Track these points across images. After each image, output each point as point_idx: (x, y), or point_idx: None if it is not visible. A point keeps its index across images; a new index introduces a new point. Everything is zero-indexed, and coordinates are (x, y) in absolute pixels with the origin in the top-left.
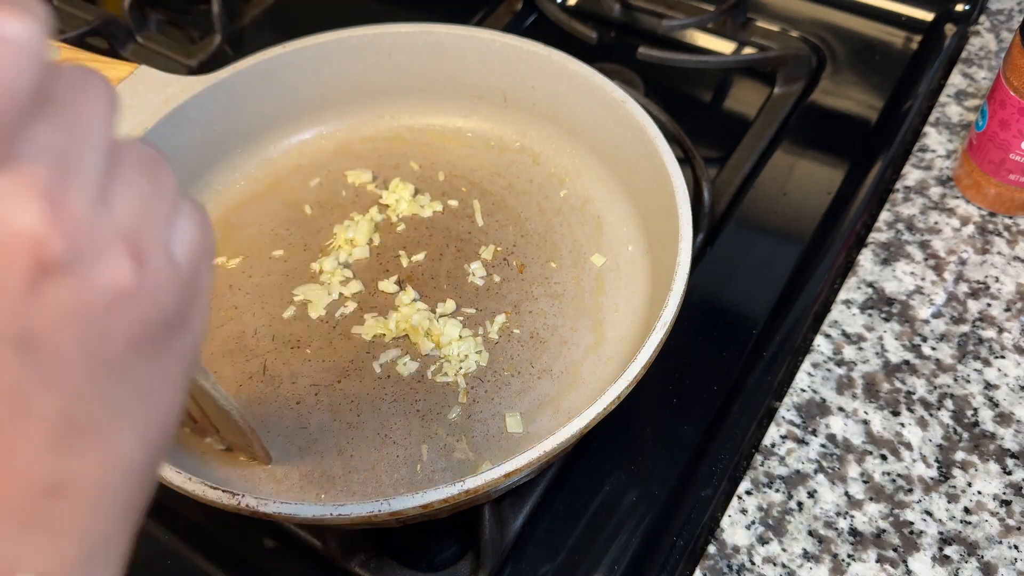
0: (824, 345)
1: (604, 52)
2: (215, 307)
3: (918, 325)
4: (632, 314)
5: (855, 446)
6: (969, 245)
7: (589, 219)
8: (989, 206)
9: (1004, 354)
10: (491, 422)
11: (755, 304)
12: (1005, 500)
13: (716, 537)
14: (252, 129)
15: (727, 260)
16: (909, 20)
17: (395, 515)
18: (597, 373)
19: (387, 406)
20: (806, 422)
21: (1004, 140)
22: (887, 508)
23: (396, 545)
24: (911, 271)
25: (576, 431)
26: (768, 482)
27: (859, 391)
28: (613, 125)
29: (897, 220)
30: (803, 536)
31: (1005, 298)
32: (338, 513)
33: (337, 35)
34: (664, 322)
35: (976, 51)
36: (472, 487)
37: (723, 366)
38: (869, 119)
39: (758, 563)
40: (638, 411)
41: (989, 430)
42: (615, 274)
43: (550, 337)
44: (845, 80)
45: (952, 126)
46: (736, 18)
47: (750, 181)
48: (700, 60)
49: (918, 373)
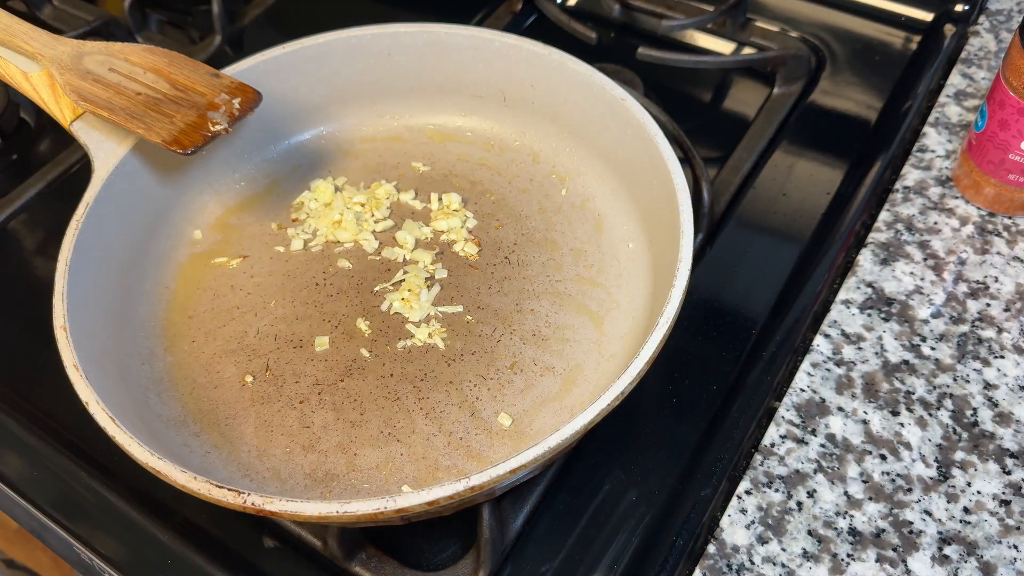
0: (823, 345)
1: (604, 52)
2: (217, 308)
3: (917, 325)
4: (633, 312)
5: (854, 446)
6: (968, 245)
7: (589, 217)
8: (988, 206)
9: (1003, 354)
10: (494, 419)
11: (754, 304)
12: (1004, 500)
13: (716, 537)
14: (252, 129)
15: (726, 260)
16: (908, 20)
17: (400, 512)
18: (599, 370)
19: (390, 404)
20: (805, 422)
21: (1003, 140)
22: (886, 508)
23: (397, 545)
24: (910, 271)
25: (580, 427)
26: (768, 482)
27: (858, 391)
28: (613, 123)
29: (896, 220)
30: (802, 536)
31: (1004, 298)
32: (344, 510)
33: (337, 35)
34: (667, 318)
35: (975, 51)
36: (477, 483)
37: (722, 366)
38: (868, 119)
39: (758, 563)
40: (638, 411)
41: (988, 430)
42: (616, 272)
43: (552, 335)
44: (844, 80)
45: (951, 126)
46: (735, 18)
47: (749, 181)
48: (699, 60)
49: (917, 373)
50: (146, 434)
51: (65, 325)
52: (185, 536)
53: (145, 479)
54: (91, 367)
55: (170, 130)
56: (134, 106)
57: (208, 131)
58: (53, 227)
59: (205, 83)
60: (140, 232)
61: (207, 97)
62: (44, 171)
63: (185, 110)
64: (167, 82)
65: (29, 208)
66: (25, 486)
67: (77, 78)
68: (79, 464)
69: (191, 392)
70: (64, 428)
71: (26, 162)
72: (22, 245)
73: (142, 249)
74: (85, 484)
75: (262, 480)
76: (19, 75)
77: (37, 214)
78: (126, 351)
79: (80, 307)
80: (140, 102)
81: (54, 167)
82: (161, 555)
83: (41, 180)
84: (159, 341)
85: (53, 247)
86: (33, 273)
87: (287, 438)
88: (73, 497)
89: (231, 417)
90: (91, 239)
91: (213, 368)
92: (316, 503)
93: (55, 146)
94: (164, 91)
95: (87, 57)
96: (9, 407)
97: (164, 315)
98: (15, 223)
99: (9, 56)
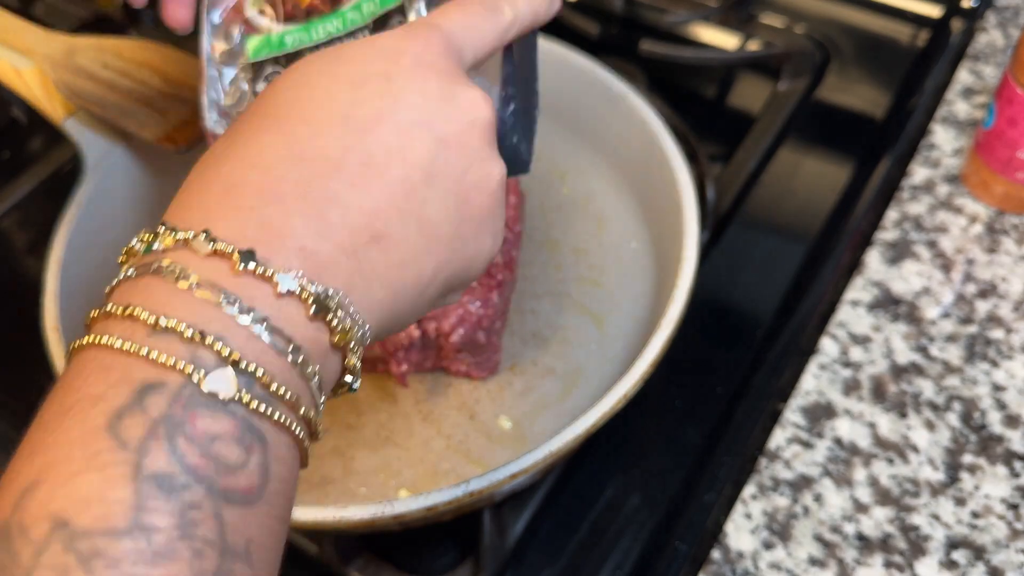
0: (830, 346)
1: (606, 47)
2: None
3: (925, 326)
4: (636, 313)
5: (862, 449)
6: (977, 244)
7: (591, 215)
8: (997, 205)
9: (1012, 355)
10: (494, 423)
11: (760, 304)
12: (1013, 504)
13: (720, 542)
14: None
15: (731, 259)
16: (916, 16)
17: (398, 518)
18: (601, 373)
19: (387, 407)
20: (812, 425)
21: (1012, 138)
22: (894, 512)
23: (394, 550)
24: (918, 271)
25: (582, 431)
26: (773, 486)
27: (866, 393)
28: (615, 119)
29: (904, 219)
30: (809, 541)
31: (1013, 298)
32: (341, 516)
33: None
34: (671, 319)
35: (983, 47)
36: (477, 489)
37: (727, 368)
38: (875, 116)
39: (763, 569)
40: (641, 414)
41: (997, 432)
42: (618, 272)
43: (552, 336)
44: (851, 76)
45: (959, 123)
46: (740, 13)
47: (754, 179)
48: (703, 55)
49: (925, 375)
50: None
51: (56, 326)
52: None
53: None
54: None
55: (163, 127)
56: (127, 103)
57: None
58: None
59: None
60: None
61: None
62: (35, 169)
63: (178, 106)
64: (160, 78)
65: (20, 207)
66: None
67: (69, 74)
68: None
69: None
70: None
71: (17, 160)
72: (13, 244)
73: None
74: None
75: None
76: (11, 71)
77: (28, 213)
78: None
79: (71, 307)
80: (133, 99)
81: (46, 165)
82: None
83: (32, 178)
84: None
85: (44, 246)
86: (24, 273)
87: None
88: None
89: None
90: (83, 238)
91: None
92: (312, 509)
93: (46, 144)
94: (157, 87)
95: (79, 53)
96: (0, 408)
97: None
98: (6, 222)
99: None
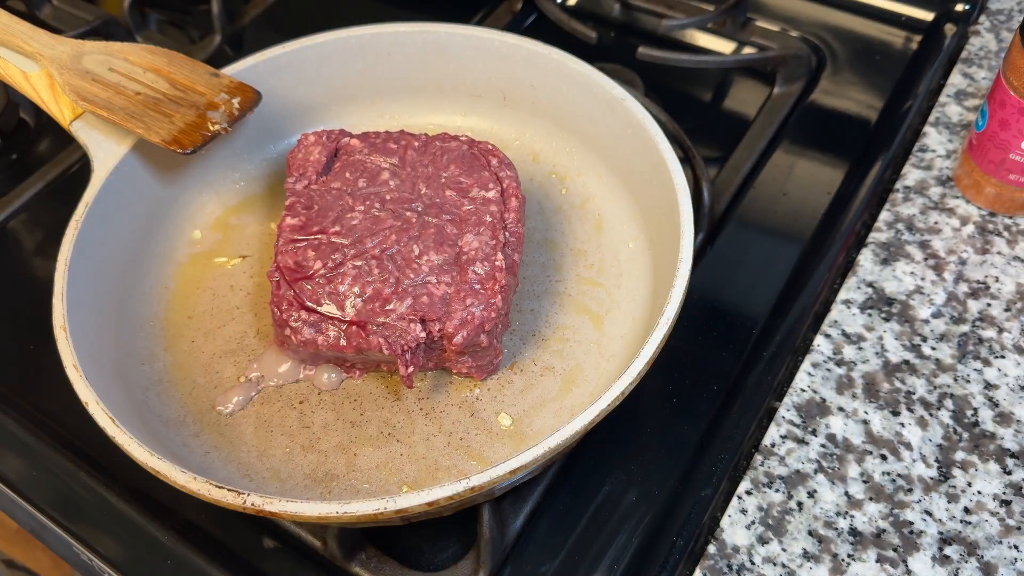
0: (824, 345)
1: (604, 52)
2: (216, 308)
3: (918, 325)
4: (633, 312)
5: (855, 446)
6: (969, 245)
7: (589, 217)
8: (989, 206)
9: (1004, 354)
10: (494, 420)
11: (755, 304)
12: (1005, 500)
13: (716, 537)
14: (252, 129)
15: (727, 260)
16: (909, 20)
17: (400, 513)
18: (599, 371)
19: (390, 404)
20: (806, 422)
21: (1004, 140)
22: (887, 508)
23: (397, 545)
24: (911, 271)
25: (580, 427)
26: (768, 482)
27: (859, 391)
28: (613, 123)
29: (897, 220)
30: (803, 536)
31: (1005, 298)
32: (344, 511)
33: (337, 35)
34: (667, 318)
35: (976, 51)
36: (477, 484)
37: (723, 366)
38: (869, 119)
39: (758, 563)
40: (638, 411)
41: (989, 430)
42: (616, 272)
43: (552, 335)
44: (845, 80)
45: (952, 126)
46: (736, 18)
47: (750, 181)
48: (700, 60)
49: (918, 373)
50: (146, 434)
51: (65, 325)
52: (185, 536)
53: (145, 479)
54: (91, 367)
55: (169, 130)
56: (133, 106)
57: (207, 131)
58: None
59: (204, 83)
60: (140, 232)
61: (206, 97)
62: (43, 171)
63: (184, 110)
64: (166, 82)
65: (28, 208)
66: (25, 486)
67: (76, 78)
68: (79, 464)
69: (191, 392)
70: (64, 428)
71: (25, 162)
72: (21, 245)
73: (142, 249)
74: (85, 484)
75: (262, 480)
76: (19, 75)
77: (36, 214)
78: (126, 351)
79: (80, 307)
80: (139, 102)
81: (53, 167)
82: (161, 555)
83: (40, 180)
84: (159, 341)
85: (52, 247)
86: (33, 273)
87: (287, 438)
88: (73, 497)
89: (231, 417)
90: (90, 239)
91: (213, 368)
92: (316, 503)
93: (54, 146)
94: (163, 91)
95: (86, 57)
96: (9, 407)
97: (164, 315)
98: (14, 223)
99: (9, 56)
